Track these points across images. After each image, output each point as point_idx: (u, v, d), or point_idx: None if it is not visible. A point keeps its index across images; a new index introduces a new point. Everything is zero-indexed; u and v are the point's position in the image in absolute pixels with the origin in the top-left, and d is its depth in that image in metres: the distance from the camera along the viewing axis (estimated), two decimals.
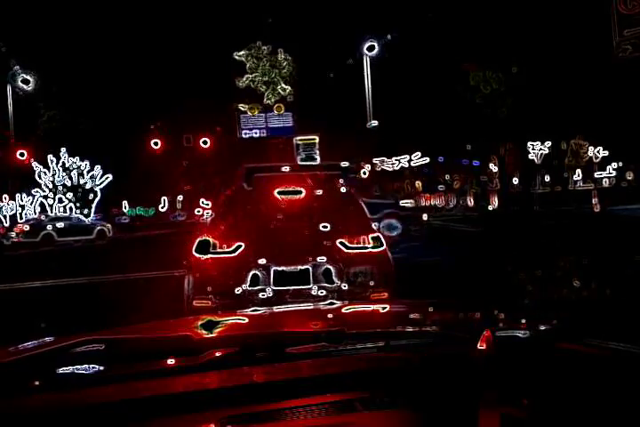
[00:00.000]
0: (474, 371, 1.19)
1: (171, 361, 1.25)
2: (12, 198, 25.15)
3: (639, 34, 11.92)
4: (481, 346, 1.20)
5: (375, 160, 30.05)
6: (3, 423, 1.05)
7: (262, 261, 4.15)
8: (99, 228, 22.28)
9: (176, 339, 1.54)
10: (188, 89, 28.77)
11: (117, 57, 28.35)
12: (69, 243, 20.04)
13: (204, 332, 1.70)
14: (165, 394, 1.12)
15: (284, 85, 31.47)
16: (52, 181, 26.04)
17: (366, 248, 4.35)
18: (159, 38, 28.55)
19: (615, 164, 42.33)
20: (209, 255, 4.30)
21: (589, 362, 1.20)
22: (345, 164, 5.88)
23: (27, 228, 20.43)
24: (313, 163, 19.51)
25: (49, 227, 20.53)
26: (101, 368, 1.28)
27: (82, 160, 26.81)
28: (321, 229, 4.39)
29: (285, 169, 4.80)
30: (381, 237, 4.47)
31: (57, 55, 26.50)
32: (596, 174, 42.54)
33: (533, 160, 38.33)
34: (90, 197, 26.73)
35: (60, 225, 20.88)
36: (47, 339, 1.55)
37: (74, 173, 26.42)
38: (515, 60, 26.16)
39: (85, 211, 26.31)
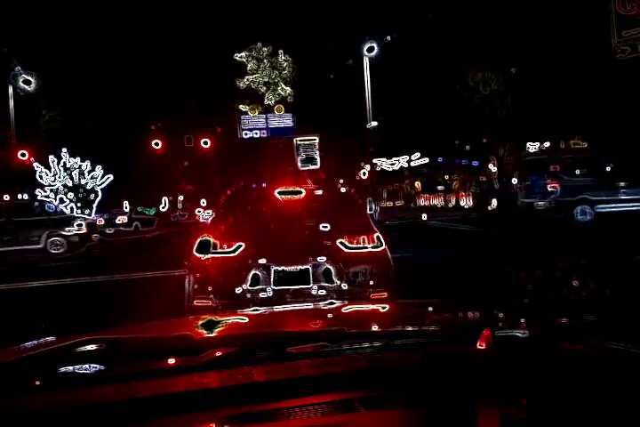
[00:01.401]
0: (474, 371, 1.19)
1: (171, 361, 1.25)
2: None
3: (638, 35, 11.91)
4: (481, 346, 1.20)
5: (375, 160, 30.03)
6: (3, 423, 1.05)
7: (262, 260, 4.15)
8: (156, 221, 28.02)
9: (176, 339, 1.54)
10: (189, 90, 28.79)
11: (118, 58, 28.38)
12: (147, 231, 24.64)
13: (204, 331, 1.70)
14: (165, 394, 1.12)
15: (284, 86, 31.48)
16: (54, 182, 26.06)
17: (366, 248, 4.35)
18: (160, 39, 28.57)
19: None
20: (209, 255, 4.30)
21: (589, 362, 1.20)
22: None
23: (125, 220, 25.28)
24: None
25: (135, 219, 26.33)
26: (102, 368, 1.28)
27: (83, 160, 26.80)
28: (321, 228, 4.39)
29: None
30: (381, 236, 4.47)
31: (58, 56, 26.51)
32: None
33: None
34: (91, 198, 26.74)
35: (141, 217, 27.27)
36: (47, 339, 1.55)
37: (75, 174, 26.42)
38: (513, 61, 26.17)
39: (87, 211, 26.33)
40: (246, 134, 29.47)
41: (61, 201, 25.87)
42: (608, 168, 17.85)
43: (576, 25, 21.15)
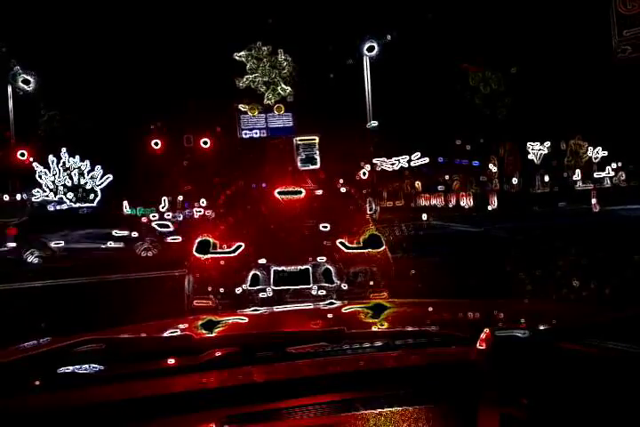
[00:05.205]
0: (473, 371, 1.19)
1: (171, 361, 1.25)
2: None
3: (638, 34, 11.92)
4: (480, 346, 1.20)
5: (375, 160, 30.04)
6: (3, 423, 1.05)
7: (262, 260, 4.15)
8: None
9: (176, 339, 1.54)
10: (189, 89, 28.78)
11: (118, 57, 28.37)
12: None
13: (204, 331, 1.70)
14: (165, 394, 1.12)
15: (284, 86, 31.46)
16: (53, 182, 26.05)
17: (366, 248, 4.35)
18: (160, 39, 28.57)
19: (614, 164, 42.40)
20: (209, 255, 4.30)
21: (589, 362, 1.20)
22: None
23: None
24: None
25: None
26: (101, 368, 1.28)
27: (82, 160, 26.81)
28: (321, 228, 4.39)
29: None
30: (381, 236, 4.47)
31: (57, 55, 26.51)
32: (596, 174, 42.55)
33: (533, 160, 38.36)
34: (90, 198, 26.75)
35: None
36: (47, 339, 1.55)
37: (74, 174, 26.43)
38: (514, 61, 26.18)
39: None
40: (246, 134, 29.46)
41: (61, 201, 25.90)
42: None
43: (577, 24, 21.14)
